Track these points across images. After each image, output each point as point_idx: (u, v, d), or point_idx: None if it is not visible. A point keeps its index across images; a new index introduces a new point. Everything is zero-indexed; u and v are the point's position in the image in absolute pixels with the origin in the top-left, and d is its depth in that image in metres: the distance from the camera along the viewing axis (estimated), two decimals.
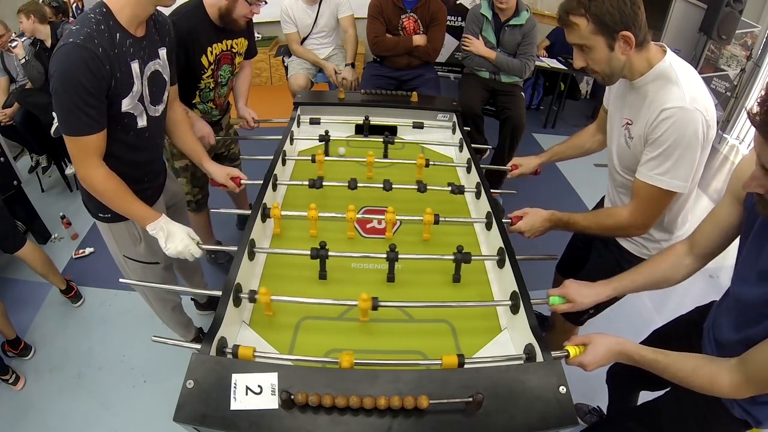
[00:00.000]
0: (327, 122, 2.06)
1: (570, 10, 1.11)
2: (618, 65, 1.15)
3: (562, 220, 1.38)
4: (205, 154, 1.59)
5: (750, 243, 0.95)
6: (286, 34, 2.89)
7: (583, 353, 1.00)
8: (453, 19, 4.36)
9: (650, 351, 0.97)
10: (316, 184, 1.54)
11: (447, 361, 1.00)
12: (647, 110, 1.15)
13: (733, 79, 4.14)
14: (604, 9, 1.07)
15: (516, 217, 1.42)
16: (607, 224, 1.31)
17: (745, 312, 0.96)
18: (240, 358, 0.99)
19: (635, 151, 1.21)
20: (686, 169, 1.12)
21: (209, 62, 1.76)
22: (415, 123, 2.09)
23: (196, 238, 1.33)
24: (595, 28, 1.10)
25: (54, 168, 3.22)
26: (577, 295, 1.13)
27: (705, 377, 0.91)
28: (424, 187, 1.57)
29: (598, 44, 1.12)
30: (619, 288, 1.15)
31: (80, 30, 1.07)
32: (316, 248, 1.25)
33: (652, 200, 1.19)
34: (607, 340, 1.00)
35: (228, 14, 1.68)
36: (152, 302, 1.69)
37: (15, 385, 1.90)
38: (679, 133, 1.09)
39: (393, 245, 1.27)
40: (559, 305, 1.15)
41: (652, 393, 1.35)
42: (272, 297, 1.11)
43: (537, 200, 1.56)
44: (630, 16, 1.07)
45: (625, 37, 1.09)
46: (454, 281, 1.30)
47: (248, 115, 2.09)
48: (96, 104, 1.11)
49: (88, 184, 1.22)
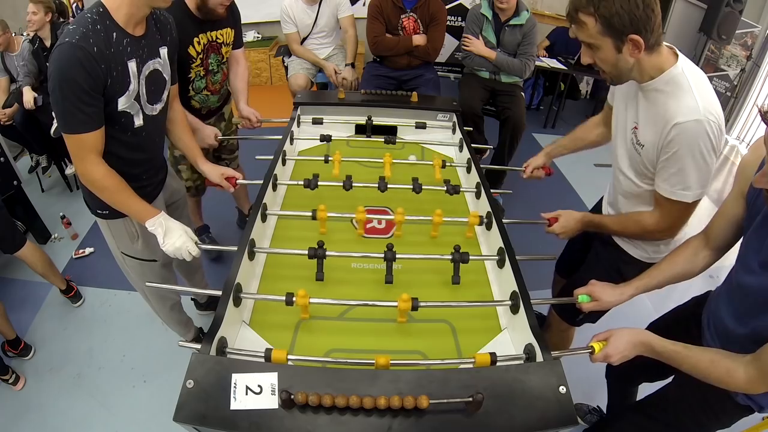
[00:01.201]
0: (328, 122, 2.06)
1: (579, 7, 1.07)
2: (625, 67, 1.12)
3: (593, 222, 1.40)
4: (201, 154, 1.60)
5: (752, 234, 0.97)
6: (286, 34, 2.89)
7: (605, 346, 1.03)
8: (453, 19, 4.36)
9: (671, 343, 1.00)
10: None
11: (480, 359, 1.01)
12: (659, 120, 1.13)
13: (733, 79, 4.14)
14: (613, 10, 1.02)
15: (553, 219, 1.44)
16: (635, 230, 1.32)
17: (747, 301, 0.98)
18: (274, 361, 0.98)
19: (647, 159, 1.20)
20: (705, 178, 1.13)
21: (197, 52, 1.76)
22: (417, 123, 2.09)
23: (194, 237, 1.33)
24: (603, 29, 1.06)
25: (54, 168, 3.21)
26: (602, 294, 1.17)
27: (722, 370, 0.93)
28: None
29: (605, 45, 1.09)
30: (641, 287, 1.18)
31: (76, 29, 1.08)
32: (314, 248, 1.24)
33: (679, 212, 1.19)
34: (629, 332, 1.03)
35: (204, 4, 1.68)
36: (151, 300, 1.69)
37: (15, 385, 1.90)
38: (695, 147, 1.07)
39: (390, 245, 1.27)
40: (587, 303, 1.19)
41: (651, 386, 1.36)
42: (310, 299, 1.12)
43: (537, 200, 1.57)
44: (641, 19, 1.03)
45: (633, 40, 1.05)
46: (453, 282, 1.29)
47: (251, 114, 2.07)
48: (92, 102, 1.12)
49: (87, 181, 1.23)
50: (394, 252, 1.25)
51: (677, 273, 1.17)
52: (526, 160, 1.76)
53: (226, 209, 2.75)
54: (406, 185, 1.58)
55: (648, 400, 1.29)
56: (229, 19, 1.85)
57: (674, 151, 1.10)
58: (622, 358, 1.02)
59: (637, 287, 1.18)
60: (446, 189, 1.59)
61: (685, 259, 1.16)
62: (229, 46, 1.93)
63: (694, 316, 1.23)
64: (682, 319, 1.31)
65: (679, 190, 1.15)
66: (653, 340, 1.01)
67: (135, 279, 1.59)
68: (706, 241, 1.15)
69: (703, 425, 1.16)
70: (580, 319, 1.59)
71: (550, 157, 1.73)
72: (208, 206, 2.51)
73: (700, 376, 0.97)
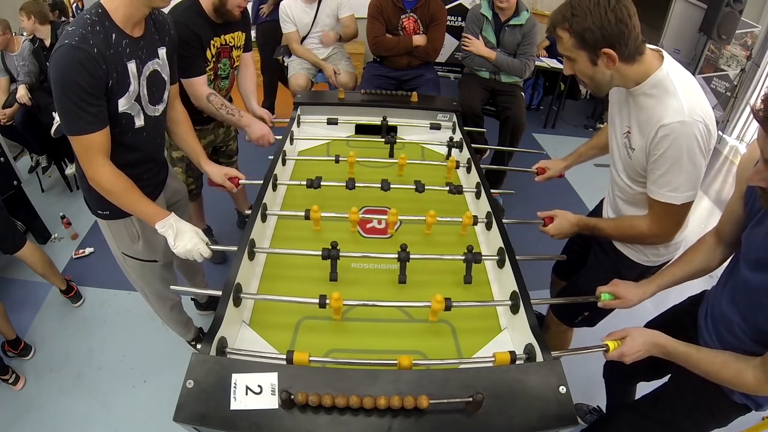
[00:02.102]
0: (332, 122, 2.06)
1: (555, 23, 1.13)
2: (603, 79, 1.15)
3: (588, 226, 1.41)
4: (204, 155, 1.60)
5: (752, 231, 0.99)
6: (286, 34, 2.89)
7: (621, 345, 1.05)
8: (453, 19, 4.36)
9: (683, 345, 1.02)
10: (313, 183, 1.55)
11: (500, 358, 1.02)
12: (646, 123, 1.14)
13: (733, 79, 4.14)
14: (585, 26, 1.06)
15: (548, 219, 1.44)
16: (630, 234, 1.33)
17: (750, 296, 0.99)
18: (296, 363, 0.98)
19: (636, 162, 1.21)
20: (695, 179, 1.13)
21: (212, 55, 1.79)
22: (432, 125, 2.11)
23: (205, 239, 1.32)
24: (577, 42, 1.10)
25: (54, 168, 3.21)
26: (627, 293, 1.19)
27: (732, 372, 0.95)
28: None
29: (580, 58, 1.13)
30: (662, 284, 1.20)
31: (75, 31, 1.08)
32: (328, 249, 1.24)
33: (670, 214, 1.20)
34: (644, 333, 1.05)
35: (222, 6, 1.70)
36: (151, 300, 1.69)
37: (15, 385, 1.90)
38: (681, 148, 1.08)
39: (404, 245, 1.27)
40: (610, 301, 1.21)
41: (648, 384, 1.38)
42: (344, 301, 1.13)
43: (537, 200, 1.57)
44: (613, 35, 1.05)
45: (607, 54, 1.08)
46: (465, 282, 1.30)
47: (265, 114, 2.07)
48: (95, 102, 1.12)
49: (96, 183, 1.22)
50: (408, 252, 1.25)
51: (695, 269, 1.19)
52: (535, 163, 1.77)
53: (225, 210, 2.75)
54: (409, 185, 1.58)
55: (645, 399, 1.29)
56: (240, 23, 1.87)
57: (661, 152, 1.11)
58: (636, 358, 1.05)
59: (659, 284, 1.20)
60: (449, 189, 1.59)
61: (701, 255, 1.19)
62: (240, 50, 1.95)
63: (690, 315, 1.25)
64: (678, 317, 1.32)
65: (667, 191, 1.15)
66: (668, 342, 1.04)
67: (135, 279, 1.59)
68: (719, 237, 1.17)
69: (699, 424, 1.18)
70: (579, 321, 1.60)
71: (567, 168, 1.75)
72: (207, 207, 2.50)
73: (711, 377, 0.99)
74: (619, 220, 1.38)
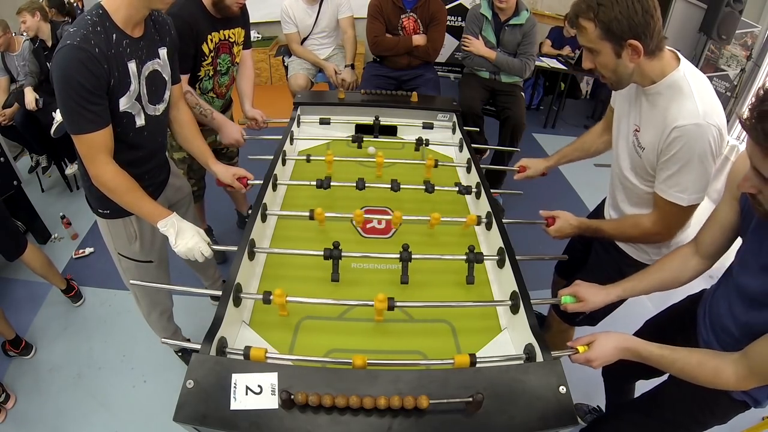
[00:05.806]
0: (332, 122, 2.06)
1: (579, 12, 1.10)
2: (625, 72, 1.13)
3: (590, 228, 1.40)
4: (212, 155, 1.60)
5: (750, 236, 0.98)
6: (286, 34, 2.89)
7: (588, 350, 1.02)
8: (453, 19, 4.36)
9: (656, 347, 1.00)
10: (323, 184, 1.55)
11: (459, 360, 1.00)
12: (660, 123, 1.14)
13: (733, 79, 4.14)
14: (612, 16, 1.04)
15: (550, 219, 1.44)
16: (632, 233, 1.32)
17: (746, 300, 0.98)
18: (252, 359, 0.98)
19: (647, 162, 1.20)
20: (703, 183, 1.13)
21: (209, 49, 1.78)
22: (425, 123, 2.10)
23: (206, 238, 1.32)
24: (602, 34, 1.07)
25: (54, 168, 3.21)
26: (588, 295, 1.15)
27: (710, 371, 0.93)
28: (432, 188, 1.58)
29: (604, 50, 1.10)
30: (628, 289, 1.17)
31: (77, 32, 1.08)
32: (330, 249, 1.24)
33: (675, 214, 1.20)
34: (613, 337, 1.03)
35: (221, 1, 1.70)
36: (141, 302, 1.68)
37: (6, 404, 1.83)
38: (694, 150, 1.08)
39: (406, 245, 1.27)
40: (570, 304, 1.17)
41: (647, 382, 1.37)
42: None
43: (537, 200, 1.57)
44: (640, 25, 1.04)
45: (633, 45, 1.06)
46: (468, 282, 1.30)
47: (257, 114, 2.09)
48: (98, 102, 1.13)
49: (99, 182, 1.23)
50: (410, 252, 1.25)
51: (666, 280, 1.16)
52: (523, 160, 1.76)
53: (226, 210, 2.75)
54: (412, 186, 1.58)
55: (644, 397, 1.29)
56: (240, 19, 1.87)
57: (673, 153, 1.11)
58: (603, 363, 1.02)
59: (624, 288, 1.17)
60: (458, 189, 1.60)
61: (674, 265, 1.16)
62: (240, 46, 1.95)
63: (689, 312, 1.24)
64: (677, 315, 1.32)
65: (675, 192, 1.15)
66: (639, 346, 1.01)
67: (128, 280, 1.58)
68: (696, 248, 1.14)
69: (699, 421, 1.17)
70: (580, 320, 1.59)
71: (551, 168, 1.74)
72: (207, 208, 2.50)
73: (688, 378, 0.97)
74: (621, 220, 1.37)
